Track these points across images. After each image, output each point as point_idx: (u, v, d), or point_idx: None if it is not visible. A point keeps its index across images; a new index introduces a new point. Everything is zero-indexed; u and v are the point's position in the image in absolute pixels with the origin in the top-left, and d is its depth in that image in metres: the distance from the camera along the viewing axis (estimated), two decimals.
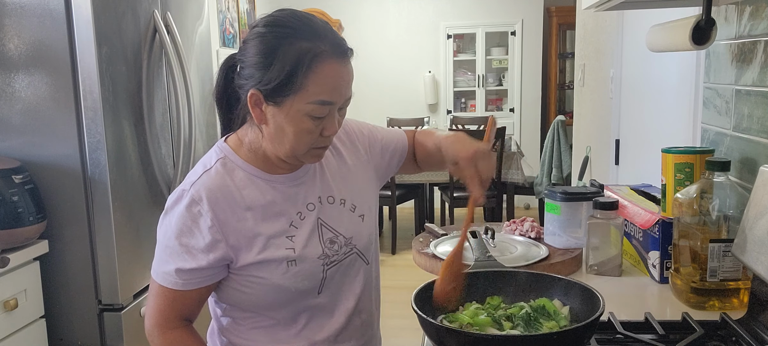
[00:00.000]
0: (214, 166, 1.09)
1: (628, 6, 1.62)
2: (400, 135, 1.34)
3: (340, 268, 1.15)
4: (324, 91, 1.02)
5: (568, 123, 4.88)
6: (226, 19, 4.84)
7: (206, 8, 2.73)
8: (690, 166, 1.36)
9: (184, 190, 1.07)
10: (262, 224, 1.08)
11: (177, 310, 1.10)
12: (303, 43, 1.01)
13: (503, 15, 6.39)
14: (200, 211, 1.05)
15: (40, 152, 1.96)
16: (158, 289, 1.09)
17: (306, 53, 1.00)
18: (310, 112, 1.02)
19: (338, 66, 1.03)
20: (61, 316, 2.04)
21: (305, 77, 1.00)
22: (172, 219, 1.07)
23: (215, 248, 1.05)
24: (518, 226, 1.74)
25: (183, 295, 1.08)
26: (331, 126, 1.06)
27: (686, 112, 1.93)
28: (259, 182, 1.10)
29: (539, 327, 1.02)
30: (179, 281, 1.06)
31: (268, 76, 1.01)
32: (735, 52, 1.41)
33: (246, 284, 1.10)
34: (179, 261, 1.05)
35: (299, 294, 1.11)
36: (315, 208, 1.14)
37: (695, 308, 1.25)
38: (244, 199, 1.08)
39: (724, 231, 1.21)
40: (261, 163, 1.11)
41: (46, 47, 1.92)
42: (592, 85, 3.29)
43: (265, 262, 1.07)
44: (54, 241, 2.00)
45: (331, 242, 1.13)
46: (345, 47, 1.05)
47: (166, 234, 1.07)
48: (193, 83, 2.45)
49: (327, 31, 1.04)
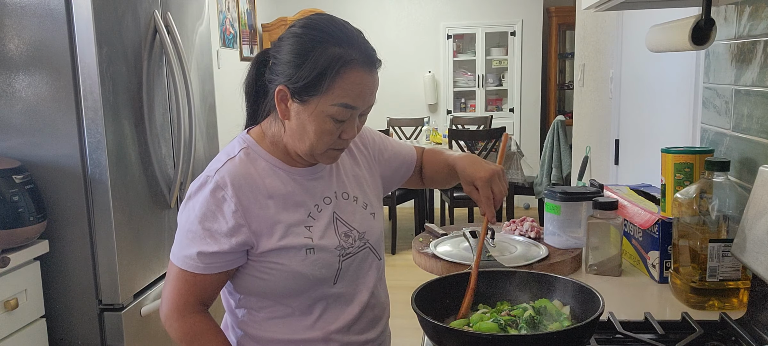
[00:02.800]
0: (238, 155, 1.14)
1: (628, 6, 1.62)
2: (409, 149, 1.40)
3: (354, 260, 1.19)
4: (349, 95, 1.06)
5: (567, 123, 4.88)
6: (226, 19, 4.84)
7: (206, 8, 2.73)
8: (689, 167, 1.36)
9: (208, 176, 1.11)
10: (282, 212, 1.12)
11: (196, 294, 1.12)
12: (336, 48, 1.05)
13: (503, 15, 6.39)
14: (224, 196, 1.09)
15: (41, 152, 1.96)
16: (178, 273, 1.12)
17: (337, 58, 1.05)
18: (333, 114, 1.07)
19: (365, 74, 1.08)
20: (61, 316, 2.05)
21: (333, 81, 1.04)
22: (195, 204, 1.10)
23: (238, 233, 1.09)
24: (518, 226, 1.74)
25: (203, 279, 1.11)
26: (351, 130, 1.11)
27: (686, 112, 1.93)
28: (280, 173, 1.15)
29: (544, 329, 1.02)
30: (201, 264, 1.09)
31: (299, 74, 1.06)
32: (734, 53, 1.41)
33: (265, 271, 1.13)
34: (202, 245, 1.09)
35: (316, 282, 1.14)
36: (331, 202, 1.19)
37: (695, 307, 1.25)
38: (266, 187, 1.12)
39: (723, 231, 1.22)
40: (282, 155, 1.16)
41: (47, 47, 1.92)
42: (592, 85, 3.29)
43: (285, 249, 1.11)
44: (54, 241, 2.00)
45: (346, 235, 1.18)
46: (374, 58, 1.10)
47: (189, 218, 1.10)
48: (193, 83, 2.45)
49: (360, 41, 1.09)
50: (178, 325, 1.12)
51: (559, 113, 6.35)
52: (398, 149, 1.38)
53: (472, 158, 1.27)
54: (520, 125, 6.54)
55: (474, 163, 1.25)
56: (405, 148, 1.40)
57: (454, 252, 1.56)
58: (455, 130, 4.96)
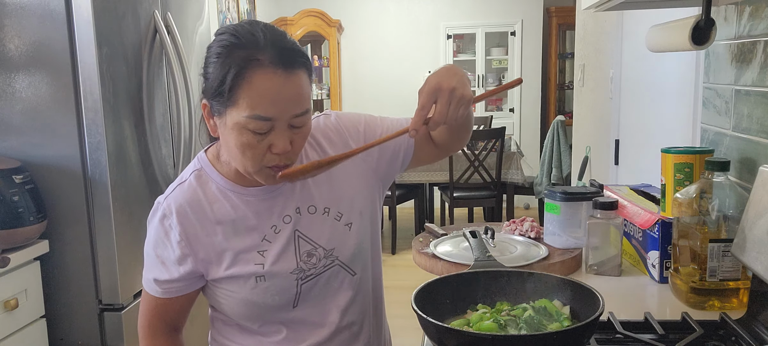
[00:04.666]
0: (188, 180, 1.10)
1: (628, 6, 1.62)
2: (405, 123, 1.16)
3: (318, 281, 1.11)
4: (258, 104, 0.93)
5: (567, 123, 4.88)
6: (226, 19, 4.84)
7: (206, 8, 2.73)
8: (689, 166, 1.36)
9: (159, 202, 1.09)
10: (232, 238, 1.07)
11: (160, 316, 1.13)
12: (240, 51, 0.94)
13: (503, 15, 6.39)
14: (170, 224, 1.07)
15: (41, 152, 1.96)
16: (144, 294, 1.14)
17: (240, 61, 0.93)
18: (247, 126, 0.94)
19: (276, 77, 0.93)
20: (61, 316, 2.04)
21: (238, 87, 0.93)
22: (150, 230, 1.10)
23: (184, 262, 1.07)
24: (518, 226, 1.74)
25: (164, 302, 1.11)
26: (281, 143, 0.96)
27: (686, 112, 1.93)
28: (231, 196, 1.08)
29: (544, 329, 1.02)
30: (158, 289, 1.10)
31: (208, 85, 0.98)
32: (734, 53, 1.41)
33: (220, 295, 1.11)
34: (155, 271, 1.09)
35: (271, 308, 1.10)
36: (291, 219, 1.09)
37: (695, 307, 1.25)
38: (214, 213, 1.07)
39: (723, 231, 1.22)
40: (235, 175, 1.08)
41: (47, 47, 1.92)
42: (592, 86, 3.29)
43: (234, 277, 1.07)
44: (54, 241, 2.00)
45: (309, 255, 1.09)
46: (291, 58, 0.95)
47: (148, 242, 1.11)
48: (193, 83, 2.45)
49: (273, 41, 0.94)
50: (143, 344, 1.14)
51: (559, 113, 6.35)
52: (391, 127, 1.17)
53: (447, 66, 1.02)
54: (520, 125, 6.54)
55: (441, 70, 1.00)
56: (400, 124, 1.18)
57: (454, 252, 1.56)
58: None
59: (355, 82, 6.53)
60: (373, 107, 6.27)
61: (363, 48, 6.49)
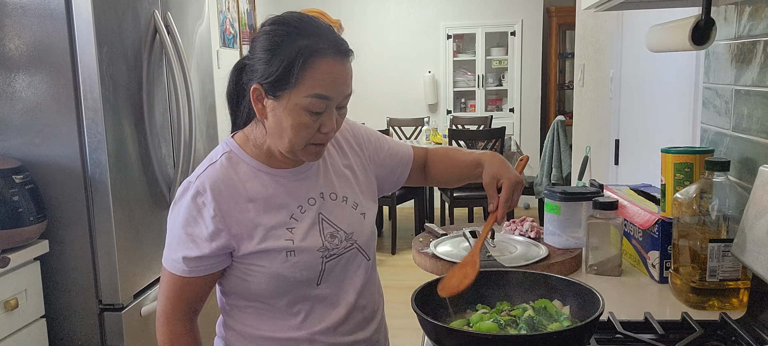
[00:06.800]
0: (219, 160, 1.15)
1: (627, 6, 1.62)
2: (407, 149, 1.39)
3: (340, 261, 1.18)
4: (320, 85, 1.05)
5: (567, 123, 4.88)
6: (226, 19, 4.84)
7: (206, 8, 2.73)
8: (689, 167, 1.36)
9: (190, 182, 1.13)
10: (263, 215, 1.12)
11: (185, 298, 1.14)
12: (303, 40, 1.05)
13: (503, 15, 6.39)
14: (204, 201, 1.10)
15: (41, 152, 1.96)
16: (168, 276, 1.14)
17: (304, 49, 1.04)
18: (307, 106, 1.06)
19: (335, 63, 1.07)
20: (61, 316, 2.05)
21: (302, 71, 1.04)
22: (180, 209, 1.12)
23: (218, 237, 1.10)
24: (518, 226, 1.74)
25: (191, 282, 1.13)
26: (329, 123, 1.09)
27: (686, 112, 1.93)
28: (262, 176, 1.15)
29: (544, 329, 1.02)
30: (186, 268, 1.11)
31: (269, 70, 1.06)
32: (734, 53, 1.41)
33: (247, 272, 1.14)
34: (185, 249, 1.11)
35: (298, 284, 1.14)
36: (316, 202, 1.17)
37: (695, 307, 1.25)
38: (246, 191, 1.13)
39: (723, 231, 1.22)
40: (265, 158, 1.16)
41: (47, 47, 1.92)
42: (592, 85, 3.29)
43: (265, 251, 1.12)
44: (54, 241, 2.00)
45: (332, 236, 1.17)
46: (344, 47, 1.09)
47: (175, 223, 1.13)
48: (193, 83, 2.45)
49: (328, 32, 1.08)
50: (163, 329, 1.15)
51: (559, 113, 6.35)
52: (395, 150, 1.37)
53: (502, 159, 1.26)
54: (520, 125, 6.55)
55: (504, 163, 1.24)
56: (402, 149, 1.38)
57: (454, 252, 1.56)
58: (455, 130, 4.96)
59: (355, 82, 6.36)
60: (373, 106, 6.28)
61: (363, 48, 6.49)
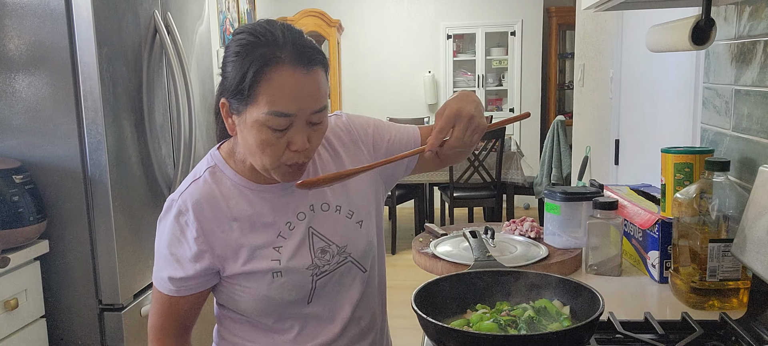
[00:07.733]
0: (203, 176, 1.10)
1: (628, 6, 1.62)
2: (414, 132, 1.24)
3: (332, 277, 1.13)
4: (278, 100, 0.95)
5: (567, 123, 4.88)
6: (226, 19, 4.84)
7: (206, 8, 2.73)
8: (689, 166, 1.36)
9: (173, 199, 1.09)
10: (248, 235, 1.08)
11: (174, 315, 1.12)
12: (260, 49, 0.96)
13: (503, 15, 6.39)
14: (186, 221, 1.06)
15: (41, 152, 1.96)
16: (157, 293, 1.12)
17: (259, 58, 0.95)
18: (266, 123, 0.96)
19: (296, 74, 0.95)
20: (61, 316, 2.05)
21: (258, 85, 0.95)
22: (164, 228, 1.09)
23: (201, 258, 1.07)
24: (518, 226, 1.74)
25: (178, 301, 1.10)
26: (299, 141, 0.99)
27: (686, 112, 1.93)
28: (246, 193, 1.09)
29: (544, 329, 1.02)
30: (173, 287, 1.09)
31: (230, 83, 0.99)
32: (734, 53, 1.41)
33: (235, 292, 1.11)
34: (170, 270, 1.08)
35: (287, 304, 1.11)
36: (305, 216, 1.11)
37: (695, 307, 1.25)
38: (230, 209, 1.08)
39: (723, 231, 1.22)
40: (249, 173, 1.10)
41: (47, 47, 1.92)
42: (592, 86, 3.29)
43: (251, 273, 1.08)
44: (54, 241, 2.00)
45: (323, 252, 1.11)
46: (308, 55, 0.97)
47: (160, 241, 1.10)
48: (193, 83, 2.45)
49: (293, 40, 0.97)
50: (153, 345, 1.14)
51: (559, 113, 6.35)
52: (399, 136, 1.23)
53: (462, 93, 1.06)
54: (520, 125, 6.54)
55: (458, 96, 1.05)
56: (408, 133, 1.23)
57: (454, 252, 1.56)
58: None
59: (355, 82, 6.53)
60: (373, 106, 6.28)
61: (363, 48, 6.50)
